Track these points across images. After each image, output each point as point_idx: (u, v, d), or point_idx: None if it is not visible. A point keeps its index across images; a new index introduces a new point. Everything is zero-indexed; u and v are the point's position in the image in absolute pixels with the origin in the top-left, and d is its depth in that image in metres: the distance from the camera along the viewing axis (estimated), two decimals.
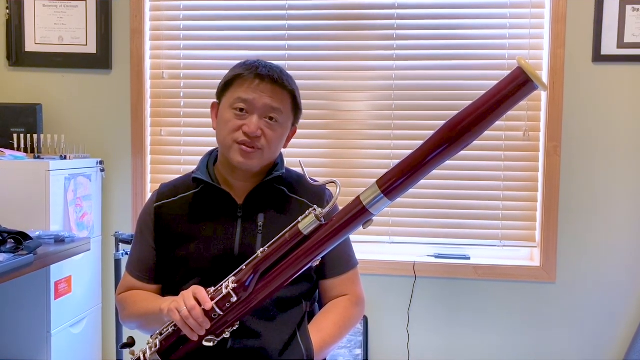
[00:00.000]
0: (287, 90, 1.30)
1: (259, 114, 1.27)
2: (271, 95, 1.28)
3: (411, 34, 2.50)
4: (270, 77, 1.28)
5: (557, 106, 2.40)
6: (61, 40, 2.61)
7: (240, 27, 2.58)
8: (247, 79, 1.28)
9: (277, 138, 1.31)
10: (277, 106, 1.28)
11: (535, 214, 2.48)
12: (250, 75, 1.28)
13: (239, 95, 1.28)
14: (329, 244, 1.08)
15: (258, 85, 1.27)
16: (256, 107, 1.27)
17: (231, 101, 1.29)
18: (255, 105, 1.27)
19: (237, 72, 1.30)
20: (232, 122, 1.28)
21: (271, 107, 1.28)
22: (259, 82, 1.27)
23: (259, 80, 1.28)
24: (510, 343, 2.49)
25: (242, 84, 1.28)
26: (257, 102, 1.27)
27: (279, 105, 1.29)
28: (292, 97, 1.32)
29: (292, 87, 1.32)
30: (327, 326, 1.32)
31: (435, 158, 0.99)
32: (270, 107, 1.28)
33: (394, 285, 2.51)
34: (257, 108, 1.27)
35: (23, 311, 2.18)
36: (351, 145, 2.54)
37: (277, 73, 1.30)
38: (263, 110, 1.27)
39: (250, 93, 1.27)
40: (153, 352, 1.17)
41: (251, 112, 1.27)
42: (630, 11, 2.35)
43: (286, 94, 1.30)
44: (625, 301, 2.42)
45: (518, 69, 0.94)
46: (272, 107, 1.28)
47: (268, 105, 1.27)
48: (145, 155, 2.62)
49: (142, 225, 1.38)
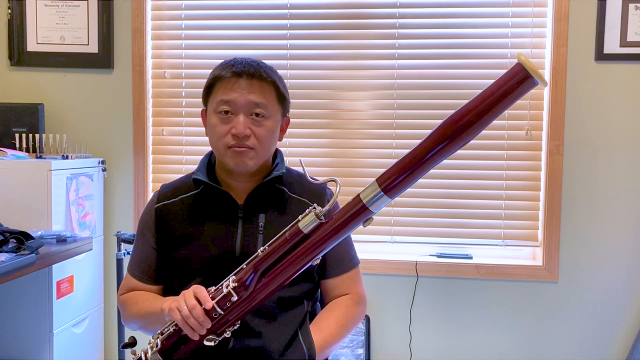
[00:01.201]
0: (267, 82, 1.27)
1: (244, 112, 1.25)
2: (252, 90, 1.25)
3: (413, 33, 2.49)
4: (247, 72, 1.25)
5: (560, 105, 2.39)
6: (63, 40, 2.61)
7: (242, 27, 2.57)
8: (225, 78, 1.26)
9: (267, 133, 1.28)
10: (260, 101, 1.26)
11: (538, 214, 2.47)
12: (227, 74, 1.26)
13: (220, 97, 1.26)
14: (329, 243, 1.07)
15: (236, 82, 1.25)
16: (239, 105, 1.25)
17: (214, 105, 1.27)
18: (238, 104, 1.25)
19: (215, 74, 1.29)
20: (219, 127, 1.27)
21: (254, 102, 1.25)
22: (237, 80, 1.25)
23: (237, 77, 1.25)
24: (512, 342, 2.48)
25: (221, 85, 1.27)
26: (239, 101, 1.25)
27: (262, 100, 1.26)
28: (274, 87, 1.29)
29: (272, 78, 1.28)
30: (328, 325, 1.31)
31: (435, 155, 0.98)
32: (254, 103, 1.25)
33: (396, 284, 2.50)
34: (240, 107, 1.25)
35: (25, 311, 2.18)
36: (353, 145, 2.54)
37: (253, 67, 1.27)
38: (247, 108, 1.25)
39: (230, 93, 1.25)
40: (154, 351, 1.17)
41: (236, 112, 1.25)
42: (633, 10, 2.34)
43: (267, 85, 1.27)
44: (628, 300, 2.42)
45: (518, 65, 0.93)
46: (256, 102, 1.25)
47: (251, 102, 1.25)
48: (147, 154, 2.62)
49: (143, 226, 1.38)
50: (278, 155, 1.39)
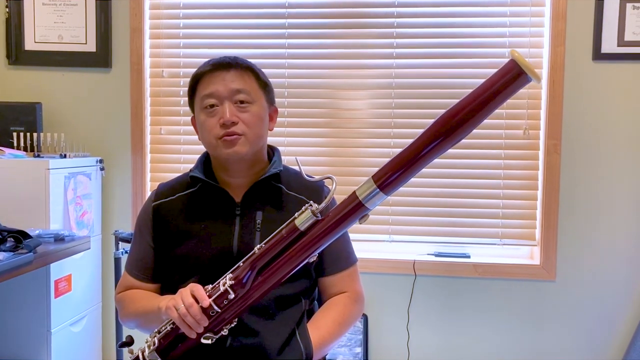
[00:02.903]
0: (243, 69, 1.31)
1: (228, 100, 1.28)
2: (231, 78, 1.28)
3: (411, 32, 2.49)
4: (223, 64, 1.29)
5: (557, 104, 2.39)
6: (61, 39, 2.61)
7: (240, 26, 2.57)
8: (204, 74, 1.30)
9: (254, 118, 1.29)
10: (241, 87, 1.28)
11: (535, 213, 2.47)
12: (205, 69, 1.30)
13: (203, 93, 1.29)
14: (326, 239, 1.07)
15: (216, 75, 1.29)
16: (222, 95, 1.28)
17: (200, 103, 1.30)
18: (221, 94, 1.28)
19: (194, 74, 1.33)
20: (208, 122, 1.29)
21: (236, 89, 1.28)
22: (215, 72, 1.29)
23: (214, 70, 1.29)
24: (510, 341, 2.48)
25: (202, 82, 1.30)
26: (221, 90, 1.27)
27: (243, 86, 1.29)
28: (252, 73, 1.32)
29: (248, 64, 1.33)
30: (326, 324, 1.31)
31: (430, 152, 0.98)
32: (235, 89, 1.28)
33: (394, 283, 2.51)
34: (223, 96, 1.28)
35: (23, 310, 2.18)
36: (351, 144, 2.54)
37: (229, 57, 1.32)
38: (230, 95, 1.28)
39: (211, 86, 1.28)
40: (152, 350, 1.17)
41: (220, 102, 1.28)
42: (631, 9, 2.34)
43: (244, 72, 1.30)
44: (625, 299, 2.42)
45: (511, 62, 0.93)
46: (237, 89, 1.28)
47: (232, 89, 1.28)
48: (145, 153, 2.62)
49: (140, 224, 1.38)
50: (275, 153, 1.39)
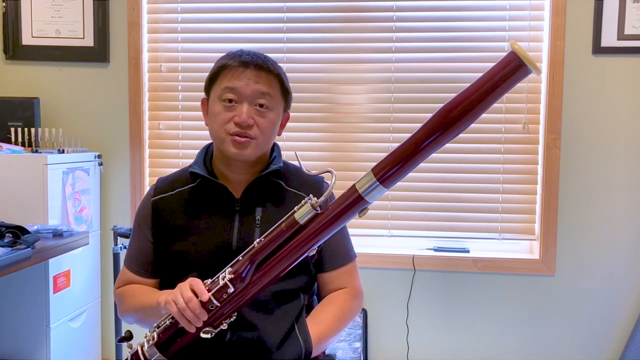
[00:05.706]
0: (273, 74, 1.28)
1: (248, 101, 1.25)
2: (258, 80, 1.26)
3: (410, 26, 2.48)
4: (254, 63, 1.26)
5: (557, 99, 2.39)
6: (58, 34, 2.60)
7: (238, 20, 2.56)
8: (232, 67, 1.26)
9: (269, 125, 1.28)
10: (265, 90, 1.26)
11: (535, 207, 2.47)
12: (234, 63, 1.26)
13: (225, 85, 1.26)
14: (325, 233, 1.07)
15: (243, 72, 1.25)
16: (244, 94, 1.25)
17: (219, 93, 1.27)
18: (243, 93, 1.25)
19: (222, 62, 1.29)
20: (222, 115, 1.26)
21: (260, 92, 1.26)
22: (244, 69, 1.26)
23: (244, 67, 1.26)
24: (509, 335, 2.49)
25: (227, 73, 1.27)
26: (245, 89, 1.25)
27: (268, 90, 1.27)
28: (279, 80, 1.30)
29: (277, 71, 1.30)
30: (325, 319, 1.31)
31: (430, 145, 0.98)
32: (259, 92, 1.26)
33: (393, 278, 2.51)
34: (245, 95, 1.25)
35: (22, 305, 2.18)
36: (350, 139, 2.54)
37: (261, 59, 1.28)
38: (252, 97, 1.25)
39: (236, 81, 1.25)
40: (151, 345, 1.16)
41: (240, 101, 1.26)
42: (631, 3, 2.33)
43: (273, 77, 1.28)
44: (624, 294, 2.42)
45: (511, 53, 0.93)
46: (261, 92, 1.26)
47: (256, 91, 1.25)
48: (143, 148, 2.61)
49: (139, 219, 1.37)
50: (275, 149, 1.38)
